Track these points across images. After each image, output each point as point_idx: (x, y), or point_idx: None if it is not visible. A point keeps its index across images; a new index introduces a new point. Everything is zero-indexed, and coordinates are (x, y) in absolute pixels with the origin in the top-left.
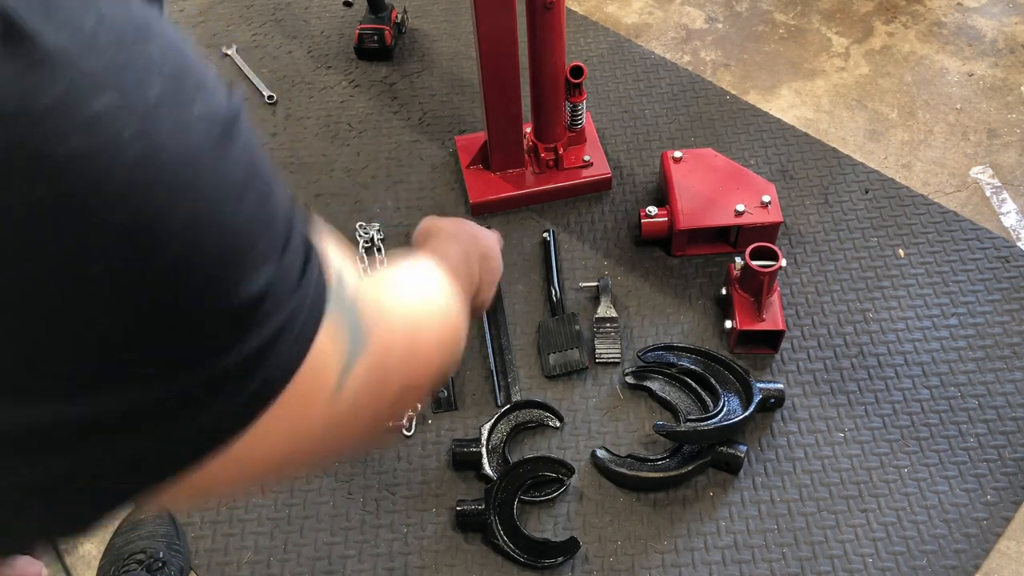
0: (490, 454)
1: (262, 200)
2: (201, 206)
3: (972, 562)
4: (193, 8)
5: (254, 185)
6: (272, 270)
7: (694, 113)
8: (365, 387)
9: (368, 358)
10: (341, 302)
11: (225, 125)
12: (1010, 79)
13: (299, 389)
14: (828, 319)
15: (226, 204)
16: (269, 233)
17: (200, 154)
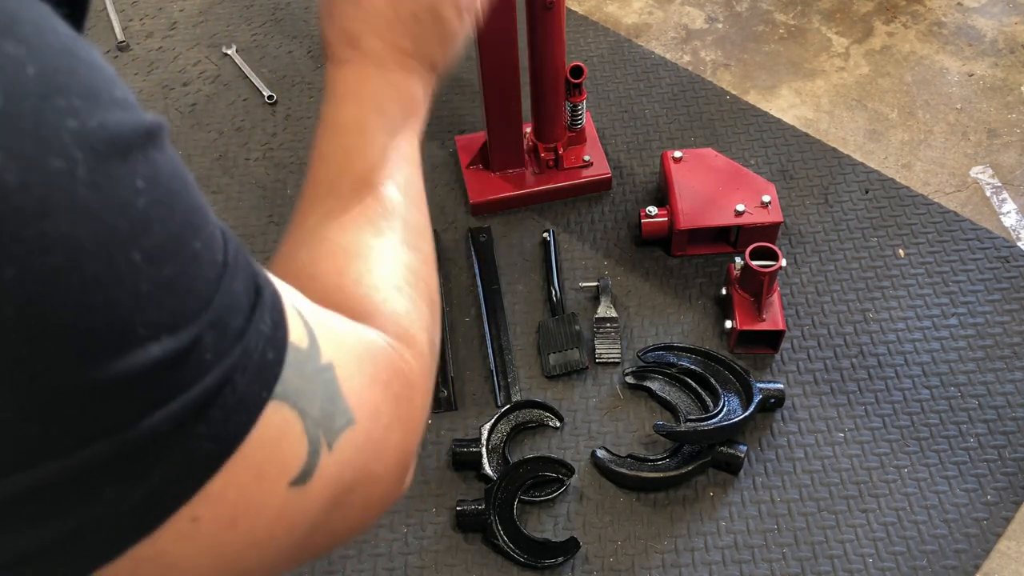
0: (490, 454)
1: (164, 251)
2: (47, 259)
3: (972, 562)
4: (193, 8)
5: (154, 231)
6: (176, 339)
7: (694, 113)
8: (349, 469)
9: (353, 432)
10: (308, 367)
11: (120, 147)
12: (1010, 79)
13: (232, 482)
14: (828, 319)
15: (93, 254)
16: (169, 293)
17: (60, 186)
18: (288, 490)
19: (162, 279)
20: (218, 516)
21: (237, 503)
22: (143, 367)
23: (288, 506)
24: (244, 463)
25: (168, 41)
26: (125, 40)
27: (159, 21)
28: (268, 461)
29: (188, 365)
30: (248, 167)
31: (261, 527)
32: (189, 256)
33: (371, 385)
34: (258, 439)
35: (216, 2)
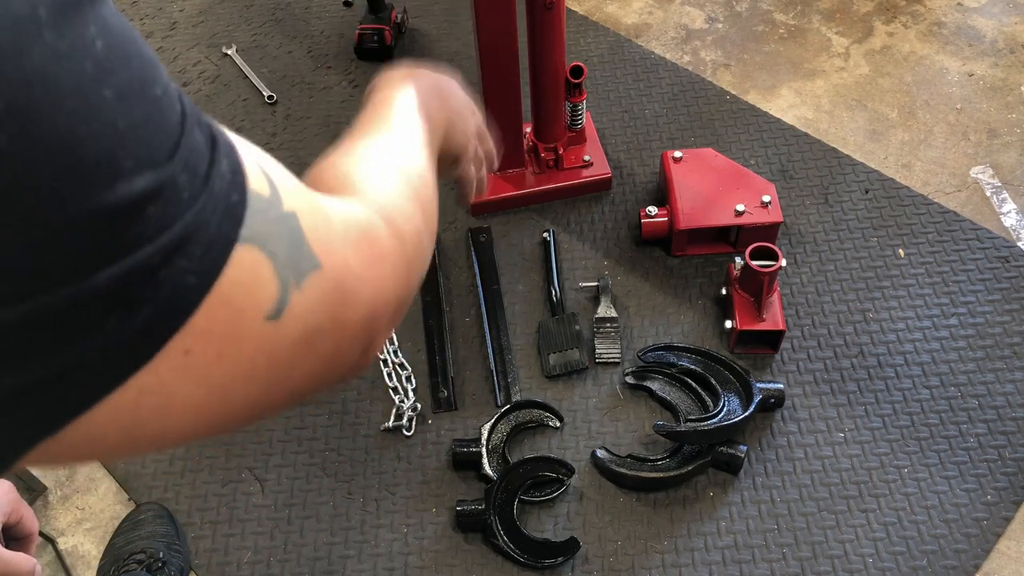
0: (490, 454)
1: (129, 92)
2: (31, 92)
3: (972, 562)
4: (193, 8)
5: (116, 73)
6: (151, 176)
7: (694, 113)
8: (320, 311)
9: (320, 277)
10: (271, 213)
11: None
12: (1010, 79)
13: (215, 317)
14: (828, 319)
15: (68, 89)
16: (142, 131)
17: (27, 28)
18: (264, 324)
19: (135, 117)
20: (206, 348)
21: (221, 336)
22: (131, 199)
23: (266, 338)
24: (223, 299)
25: (168, 41)
26: None
27: (159, 21)
28: (244, 296)
29: (169, 200)
30: None
31: (245, 358)
32: (153, 99)
33: (338, 238)
34: (232, 277)
35: (216, 2)
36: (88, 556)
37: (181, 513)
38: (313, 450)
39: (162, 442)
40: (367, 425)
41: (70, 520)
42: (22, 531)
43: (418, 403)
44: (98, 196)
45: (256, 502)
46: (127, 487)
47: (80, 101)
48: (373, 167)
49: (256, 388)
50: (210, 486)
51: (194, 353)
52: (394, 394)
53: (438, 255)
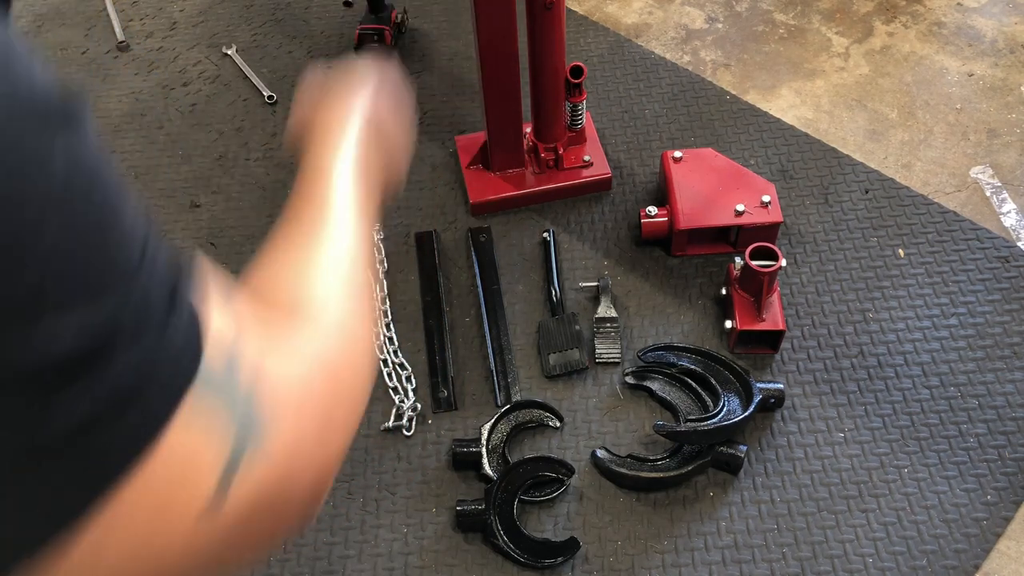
0: (490, 454)
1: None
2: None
3: (972, 562)
4: (193, 8)
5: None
6: (79, 317)
7: (694, 113)
8: (264, 493)
9: (267, 458)
10: (226, 387)
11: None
12: (1010, 79)
13: (150, 494)
14: (828, 319)
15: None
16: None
17: None
18: (195, 520)
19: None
20: (125, 536)
21: (142, 533)
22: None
23: (196, 534)
24: (151, 487)
25: (168, 41)
26: (125, 40)
27: (159, 21)
28: (175, 488)
29: (102, 348)
30: (248, 167)
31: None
32: (105, 237)
33: (293, 412)
34: (165, 462)
35: (216, 2)
36: None
37: None
38: None
39: None
40: (367, 425)
41: None
42: None
43: (418, 403)
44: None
45: None
46: None
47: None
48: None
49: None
50: None
51: (111, 540)
52: (394, 394)
53: (438, 255)
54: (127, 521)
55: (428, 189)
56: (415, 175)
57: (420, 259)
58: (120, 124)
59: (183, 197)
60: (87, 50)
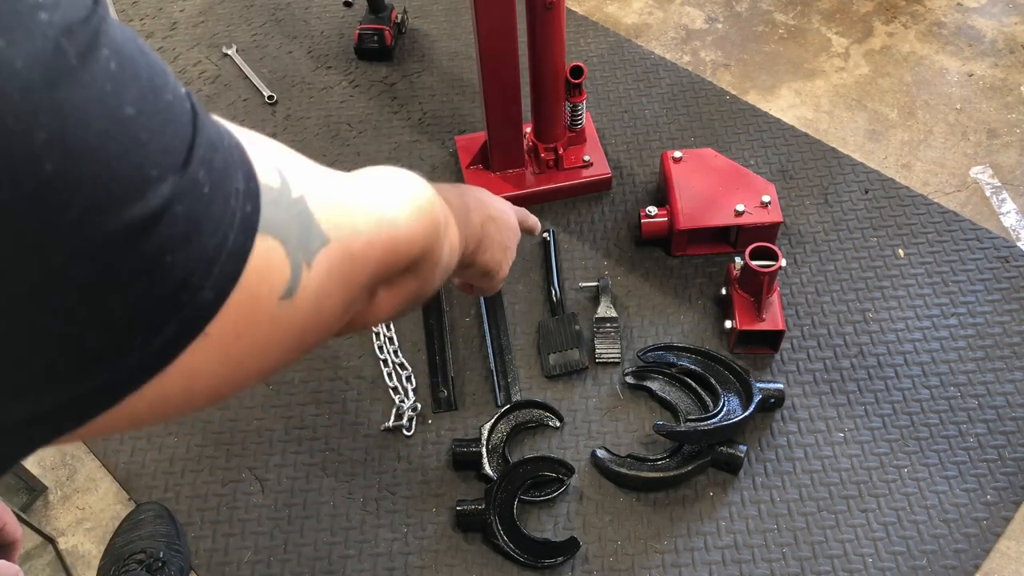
0: (490, 454)
1: (147, 104)
2: (67, 118)
3: (972, 562)
4: (193, 8)
5: (134, 88)
6: (175, 180)
7: (694, 113)
8: (325, 285)
9: (328, 250)
10: (282, 202)
11: (85, 29)
12: (1010, 79)
13: (240, 301)
14: (828, 319)
15: (97, 111)
16: (162, 138)
17: (54, 64)
18: (278, 304)
19: (153, 127)
20: (224, 332)
21: (239, 320)
22: (161, 205)
23: (280, 316)
24: (241, 291)
25: (168, 41)
26: None
27: (159, 21)
28: (259, 284)
29: (193, 198)
30: None
31: (260, 336)
32: (165, 106)
33: (344, 209)
34: (250, 271)
35: (216, 2)
36: (88, 556)
37: (181, 513)
38: (313, 450)
39: (188, 409)
40: (367, 425)
41: (70, 520)
42: (5, 538)
43: (418, 403)
44: (132, 208)
45: (256, 502)
46: (127, 487)
47: (107, 122)
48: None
49: (271, 357)
50: (210, 486)
51: (214, 338)
52: (394, 394)
53: None
54: (229, 314)
55: None
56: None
57: None
58: None
59: None
60: None
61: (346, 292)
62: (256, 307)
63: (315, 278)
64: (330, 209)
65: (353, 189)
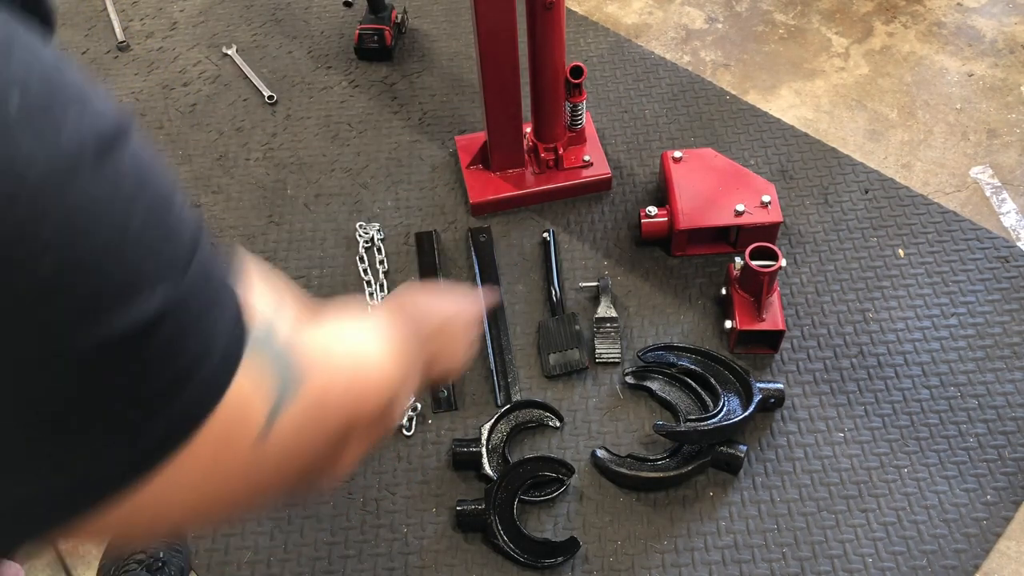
0: (490, 454)
1: (152, 218)
2: (74, 220)
3: (972, 562)
4: (193, 8)
5: (142, 201)
6: (166, 293)
7: (694, 113)
8: (301, 429)
9: (303, 399)
10: (267, 344)
11: (106, 139)
12: (1010, 79)
13: (216, 432)
14: (828, 319)
15: (104, 218)
16: (161, 251)
17: (71, 168)
18: (252, 446)
19: (154, 239)
20: (195, 467)
21: (213, 455)
22: (151, 313)
23: (252, 456)
24: (215, 427)
25: (168, 41)
26: (125, 40)
27: (159, 21)
28: (235, 424)
29: (183, 313)
30: (248, 167)
31: (232, 473)
32: (170, 221)
33: (321, 360)
34: (227, 406)
35: (216, 2)
36: (88, 556)
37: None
38: None
39: (156, 534)
40: None
41: None
42: None
43: (418, 403)
44: (123, 315)
45: None
46: None
47: (110, 229)
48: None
49: (241, 494)
50: None
51: (185, 471)
52: None
53: (438, 255)
54: (199, 451)
55: (428, 189)
56: (415, 175)
57: (420, 259)
58: None
59: None
60: (87, 50)
61: (318, 440)
62: (239, 434)
63: (290, 423)
64: (310, 359)
65: (333, 338)
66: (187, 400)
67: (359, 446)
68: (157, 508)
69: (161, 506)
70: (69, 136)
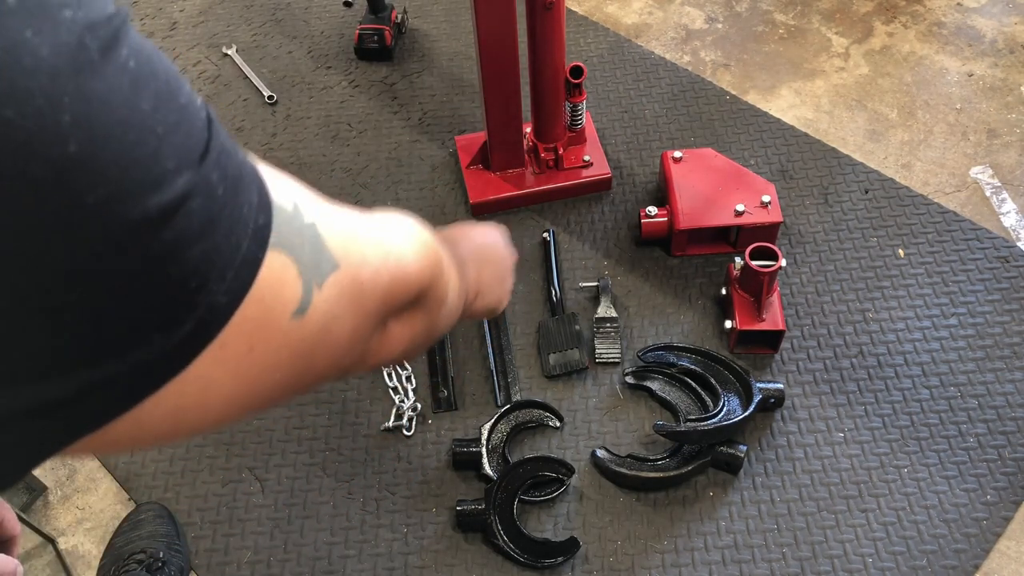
0: (490, 454)
1: (166, 102)
2: (91, 108)
3: (972, 562)
4: (193, 8)
5: (152, 86)
6: (190, 176)
7: (694, 113)
8: (339, 303)
9: (338, 275)
10: (295, 224)
11: (108, 29)
12: (1010, 79)
13: (252, 312)
14: (828, 319)
15: (119, 105)
16: (177, 135)
17: (78, 55)
18: (290, 321)
19: (169, 123)
20: (238, 344)
21: (252, 333)
22: (177, 197)
23: (291, 333)
24: (254, 302)
25: (168, 41)
26: None
27: (159, 21)
28: (272, 299)
29: (207, 196)
30: None
31: (272, 351)
32: (180, 106)
33: (354, 239)
34: (263, 282)
35: (216, 2)
36: (88, 556)
37: (181, 513)
38: (313, 450)
39: (201, 427)
40: (367, 425)
41: (70, 520)
42: (4, 533)
43: (418, 403)
44: (151, 197)
45: (256, 502)
46: (127, 487)
47: (126, 112)
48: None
49: (282, 375)
50: (210, 486)
51: (228, 347)
52: (394, 394)
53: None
54: (242, 326)
55: (428, 189)
56: (415, 175)
57: None
58: None
59: None
60: None
61: (355, 318)
62: (268, 320)
63: (325, 300)
64: (340, 237)
65: (361, 222)
66: (223, 279)
67: (403, 332)
68: (200, 397)
69: (204, 395)
70: (70, 27)
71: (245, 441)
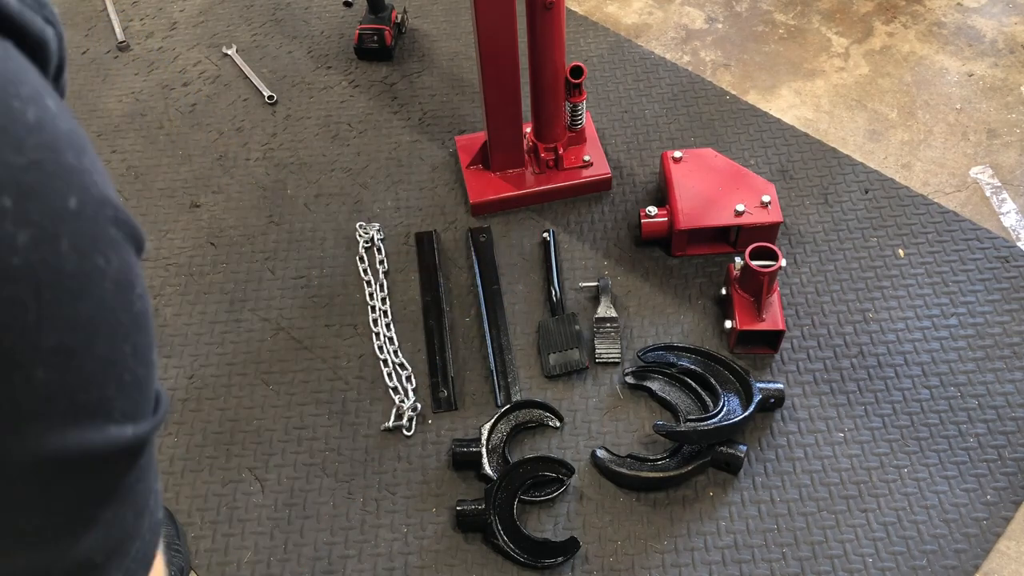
0: (490, 454)
1: (144, 353)
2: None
3: (972, 562)
4: (193, 8)
5: (138, 336)
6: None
7: (694, 113)
8: None
9: None
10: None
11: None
12: (1010, 79)
13: None
14: (828, 319)
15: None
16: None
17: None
18: None
19: (138, 375)
20: None
21: None
22: (115, 444)
23: None
24: None
25: (168, 41)
26: (125, 40)
27: (159, 21)
28: None
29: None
30: (248, 167)
31: None
32: (151, 365)
33: None
34: None
35: (216, 2)
36: None
37: (181, 513)
38: (313, 450)
39: None
40: (367, 425)
41: None
42: None
43: (418, 403)
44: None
45: (256, 502)
46: None
47: (107, 349)
48: None
49: None
50: (210, 486)
51: None
52: (394, 394)
53: (438, 255)
54: None
55: (428, 189)
56: (415, 175)
57: (420, 259)
58: (120, 124)
59: (183, 197)
60: (87, 50)
61: None
62: None
63: None
64: None
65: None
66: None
67: None
68: None
69: None
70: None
71: (245, 441)
